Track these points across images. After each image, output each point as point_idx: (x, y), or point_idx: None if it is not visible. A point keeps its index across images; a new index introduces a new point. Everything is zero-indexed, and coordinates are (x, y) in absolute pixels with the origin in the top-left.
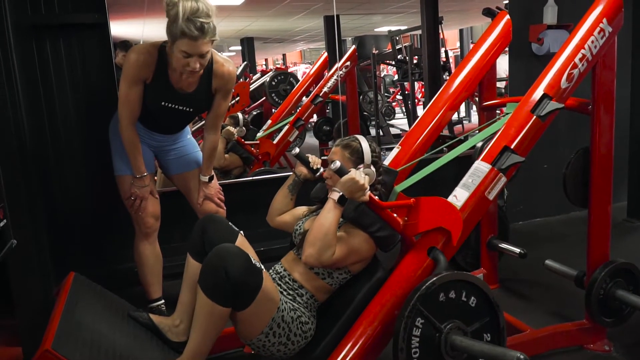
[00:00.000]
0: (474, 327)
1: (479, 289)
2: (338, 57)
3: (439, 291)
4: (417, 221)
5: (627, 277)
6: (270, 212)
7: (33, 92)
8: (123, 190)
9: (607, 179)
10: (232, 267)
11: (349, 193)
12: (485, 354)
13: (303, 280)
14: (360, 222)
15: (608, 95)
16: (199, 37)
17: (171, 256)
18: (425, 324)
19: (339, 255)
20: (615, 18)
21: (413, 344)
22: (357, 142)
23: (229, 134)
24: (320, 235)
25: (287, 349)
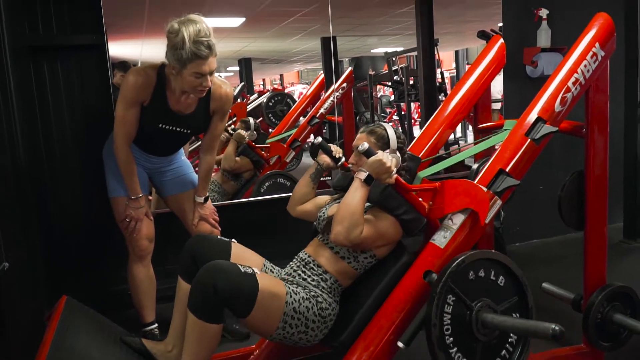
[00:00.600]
0: (503, 306)
1: (508, 268)
2: (335, 78)
3: (469, 269)
4: (442, 204)
5: (625, 300)
6: (292, 202)
7: (29, 113)
8: (117, 212)
9: (602, 201)
10: (220, 282)
11: (375, 174)
12: (518, 328)
13: (328, 264)
14: (387, 205)
15: (601, 118)
16: (209, 55)
17: (165, 279)
18: (456, 301)
19: (367, 234)
20: (607, 42)
21: (445, 321)
22: (382, 128)
23: (240, 137)
24: (348, 214)
25: (308, 336)
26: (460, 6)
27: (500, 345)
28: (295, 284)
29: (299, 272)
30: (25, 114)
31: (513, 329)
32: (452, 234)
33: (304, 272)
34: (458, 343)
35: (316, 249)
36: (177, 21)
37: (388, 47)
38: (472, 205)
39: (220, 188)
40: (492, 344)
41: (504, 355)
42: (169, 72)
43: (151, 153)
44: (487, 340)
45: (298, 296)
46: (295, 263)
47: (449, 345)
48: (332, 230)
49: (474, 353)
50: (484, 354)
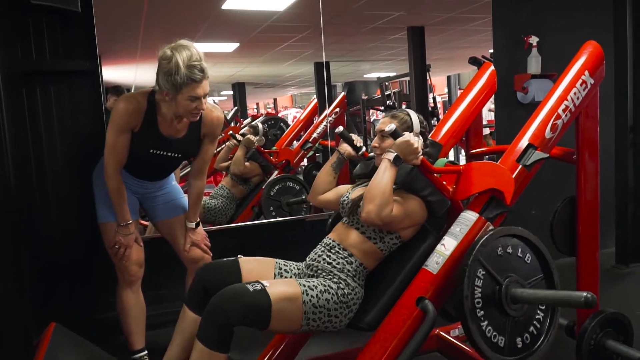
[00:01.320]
0: (530, 283)
1: (535, 245)
2: (328, 103)
3: (497, 244)
4: (467, 186)
5: (617, 326)
6: (313, 191)
7: (21, 139)
8: (106, 239)
9: (594, 226)
10: (231, 309)
11: (403, 154)
12: (550, 299)
13: (354, 246)
14: (413, 186)
15: (592, 144)
16: (203, 78)
17: (156, 304)
18: (485, 276)
19: (396, 213)
20: (597, 70)
21: (476, 294)
22: (405, 113)
23: (250, 142)
24: (379, 192)
25: (334, 323)
26: (452, 33)
27: (528, 321)
28: (320, 270)
29: (323, 256)
30: (17, 140)
31: (545, 299)
32: (445, 260)
33: (329, 257)
34: (489, 317)
35: (341, 233)
36: (169, 47)
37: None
38: (497, 185)
39: (229, 193)
40: (520, 320)
41: (532, 331)
42: (160, 98)
43: (142, 178)
44: (517, 316)
45: (315, 291)
46: (320, 248)
47: (480, 318)
48: (364, 208)
49: (504, 327)
50: (513, 328)
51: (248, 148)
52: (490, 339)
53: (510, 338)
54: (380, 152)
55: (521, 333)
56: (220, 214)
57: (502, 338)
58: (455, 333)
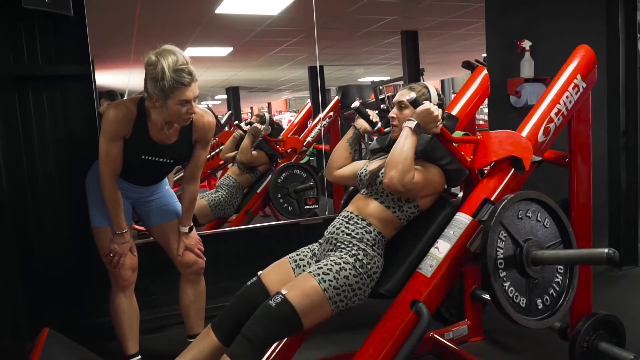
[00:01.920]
0: (548, 247)
1: (553, 211)
2: (322, 107)
3: (517, 208)
4: (485, 155)
5: (610, 329)
6: (329, 166)
7: (13, 143)
8: (100, 243)
9: (586, 229)
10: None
11: (424, 122)
12: (571, 258)
13: (372, 216)
14: (433, 155)
15: (584, 148)
16: (191, 81)
17: (150, 309)
18: (507, 237)
19: (418, 180)
20: (588, 74)
21: (498, 255)
22: (422, 85)
23: (257, 130)
24: (400, 159)
25: (359, 296)
26: (445, 37)
27: (548, 283)
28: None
29: (342, 228)
30: (9, 145)
31: (567, 258)
32: (439, 263)
33: (347, 228)
34: (510, 277)
35: (359, 205)
36: (154, 53)
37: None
38: (516, 152)
39: (235, 182)
40: (540, 283)
41: (552, 293)
42: (150, 105)
43: (135, 183)
44: (537, 277)
45: (331, 275)
46: (338, 221)
47: (503, 278)
48: (386, 175)
49: (524, 288)
50: (533, 290)
51: (255, 136)
52: (513, 298)
53: (531, 299)
54: (399, 123)
55: (541, 295)
56: (227, 204)
57: (524, 299)
58: (450, 336)
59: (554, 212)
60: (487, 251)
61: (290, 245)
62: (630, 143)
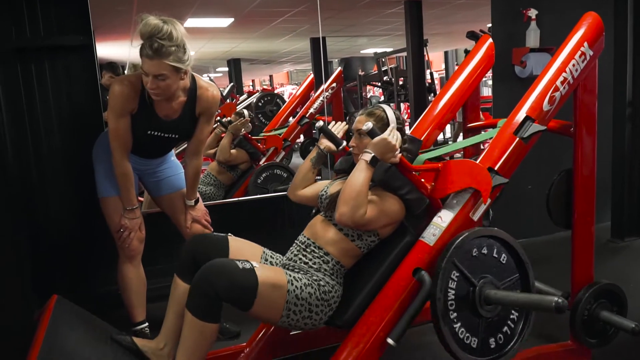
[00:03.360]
0: (504, 284)
1: (510, 246)
2: (324, 79)
3: (472, 246)
4: (445, 184)
5: (611, 298)
6: (292, 187)
7: (17, 115)
8: (107, 213)
9: (590, 200)
10: (220, 282)
11: (380, 154)
12: (521, 302)
13: (331, 244)
14: (391, 184)
15: (590, 118)
16: (153, 57)
17: (155, 278)
18: (460, 277)
19: (371, 215)
20: (596, 42)
21: (449, 297)
22: (381, 109)
23: (236, 129)
24: (353, 194)
25: (313, 320)
26: (449, 7)
27: (502, 321)
28: (297, 269)
29: (299, 256)
30: (13, 116)
31: (517, 303)
32: (442, 232)
33: (305, 256)
34: (462, 318)
35: (318, 230)
36: (154, 15)
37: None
38: (474, 185)
39: (216, 180)
40: (494, 321)
41: (506, 331)
42: None
43: (142, 156)
44: (490, 317)
45: (300, 283)
46: (296, 247)
47: (453, 320)
48: (337, 210)
49: (477, 328)
50: (486, 329)
51: (234, 135)
52: (463, 340)
53: (483, 339)
54: (358, 151)
55: (494, 333)
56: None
57: (475, 339)
58: None
59: (511, 247)
60: (436, 294)
61: (284, 216)
62: (636, 113)
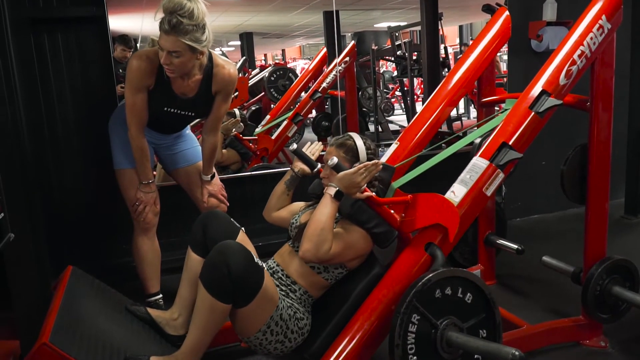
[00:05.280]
0: (469, 323)
1: (476, 285)
2: (337, 53)
3: (435, 287)
4: (414, 218)
5: (624, 273)
6: (267, 208)
7: (31, 87)
8: (122, 185)
9: (604, 176)
10: (234, 265)
11: (345, 188)
12: (480, 350)
13: (298, 275)
14: (357, 218)
15: (606, 92)
16: (169, 33)
17: (169, 251)
18: (421, 320)
19: (336, 250)
20: (614, 15)
21: (409, 340)
22: (351, 140)
23: (227, 129)
24: (317, 231)
25: (283, 346)
26: None
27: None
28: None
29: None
30: (27, 88)
31: (476, 350)
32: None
33: (275, 280)
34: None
35: (285, 259)
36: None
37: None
38: (441, 221)
39: None
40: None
41: None
42: None
43: (158, 131)
44: (452, 359)
45: (285, 303)
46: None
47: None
48: (301, 247)
49: None
50: None
51: (225, 135)
52: None
53: None
54: (328, 182)
55: None
56: None
57: None
58: None
59: (476, 286)
60: (394, 339)
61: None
62: None
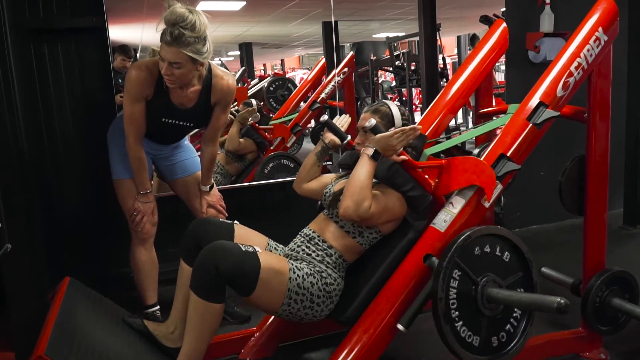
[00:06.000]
0: (507, 282)
1: (513, 244)
2: (336, 63)
3: (475, 244)
4: (449, 181)
5: (623, 285)
6: (298, 180)
7: (30, 96)
8: (120, 195)
9: (602, 187)
10: (222, 262)
11: (382, 150)
12: (523, 302)
13: (333, 239)
14: (394, 181)
15: (604, 104)
16: (171, 44)
17: (167, 262)
18: (462, 276)
19: (375, 210)
20: (610, 27)
21: (451, 296)
22: (386, 106)
23: (244, 118)
24: (357, 189)
25: (314, 311)
26: None
27: (505, 319)
28: (299, 259)
29: (302, 247)
30: (27, 98)
31: (519, 303)
32: (453, 218)
33: (308, 248)
34: (464, 317)
35: (321, 225)
36: (180, 4)
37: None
38: (478, 182)
39: (223, 169)
40: (497, 319)
41: (509, 329)
42: None
43: (156, 141)
44: (492, 315)
45: (302, 272)
46: (299, 239)
47: (455, 319)
48: (341, 204)
49: (479, 327)
50: (489, 328)
51: (242, 124)
52: (465, 339)
53: (485, 337)
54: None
55: (497, 332)
56: None
57: (477, 338)
58: None
59: (514, 244)
60: (437, 293)
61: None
62: None
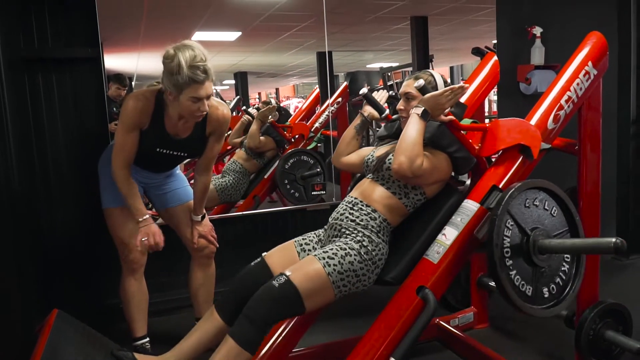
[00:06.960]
0: (555, 236)
1: (561, 199)
2: (330, 93)
3: (525, 197)
4: (493, 142)
5: (617, 317)
6: (337, 153)
7: (23, 126)
8: (110, 224)
9: (594, 218)
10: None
11: (431, 109)
12: (577, 247)
13: (378, 202)
14: (440, 142)
15: (594, 136)
16: (206, 80)
17: (158, 292)
18: (514, 226)
19: (426, 167)
20: (600, 61)
21: (505, 244)
22: (428, 73)
23: (264, 116)
24: (409, 145)
25: (363, 282)
26: (455, 23)
27: (554, 272)
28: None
29: (346, 214)
30: (20, 126)
31: (573, 248)
32: (446, 250)
33: (352, 214)
34: (517, 266)
35: (365, 190)
36: (173, 47)
37: (383, 63)
38: (524, 141)
39: (241, 167)
40: (547, 271)
41: (558, 282)
42: (166, 97)
43: (148, 170)
44: (543, 266)
45: (336, 259)
46: (342, 207)
47: (509, 267)
48: (395, 160)
49: (531, 277)
50: (540, 279)
51: (262, 122)
52: (519, 287)
53: (537, 288)
54: (407, 115)
55: (548, 283)
56: (233, 189)
57: (530, 287)
58: (455, 323)
59: (561, 200)
60: (493, 239)
61: (296, 231)
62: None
